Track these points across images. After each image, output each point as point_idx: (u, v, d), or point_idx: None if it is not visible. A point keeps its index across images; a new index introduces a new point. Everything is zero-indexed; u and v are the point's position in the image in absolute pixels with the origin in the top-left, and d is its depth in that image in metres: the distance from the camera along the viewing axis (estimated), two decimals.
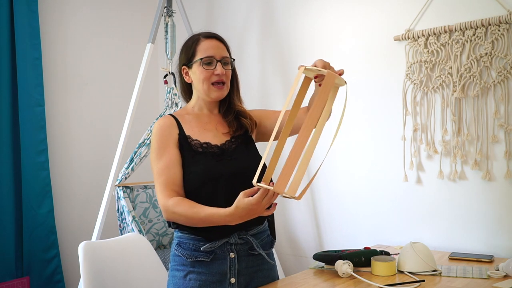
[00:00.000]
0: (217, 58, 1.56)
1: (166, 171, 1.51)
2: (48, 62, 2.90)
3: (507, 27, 1.96)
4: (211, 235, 1.51)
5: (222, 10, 3.07)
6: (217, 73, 1.55)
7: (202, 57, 1.55)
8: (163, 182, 1.50)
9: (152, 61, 3.18)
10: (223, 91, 1.58)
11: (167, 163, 1.52)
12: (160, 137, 1.55)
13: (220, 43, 1.60)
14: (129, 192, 2.74)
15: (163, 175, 1.50)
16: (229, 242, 1.52)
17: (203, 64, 1.55)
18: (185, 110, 1.66)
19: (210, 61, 1.55)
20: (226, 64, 1.58)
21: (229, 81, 1.61)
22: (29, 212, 2.71)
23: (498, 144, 2.02)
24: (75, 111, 3.03)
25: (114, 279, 1.78)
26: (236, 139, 1.61)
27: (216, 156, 1.54)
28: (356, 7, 2.44)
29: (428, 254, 1.72)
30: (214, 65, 1.55)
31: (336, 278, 1.66)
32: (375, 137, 2.38)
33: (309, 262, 2.38)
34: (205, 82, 1.56)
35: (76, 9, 3.04)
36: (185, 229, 1.54)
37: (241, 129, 1.62)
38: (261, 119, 1.70)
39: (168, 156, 1.53)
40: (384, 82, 2.34)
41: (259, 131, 1.70)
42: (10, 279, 2.63)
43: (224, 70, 1.56)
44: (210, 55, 1.55)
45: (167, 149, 1.54)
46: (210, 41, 1.58)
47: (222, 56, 1.57)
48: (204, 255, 1.52)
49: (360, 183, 2.43)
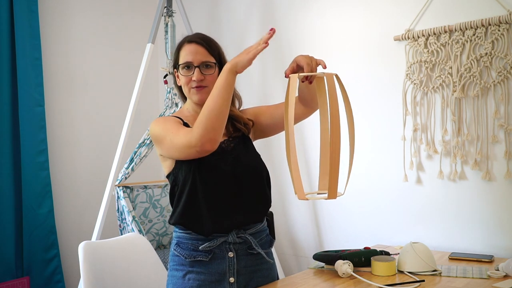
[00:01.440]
0: (195, 63, 1.55)
1: (187, 129, 1.48)
2: (48, 62, 2.90)
3: (507, 27, 1.96)
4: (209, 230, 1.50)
5: (222, 10, 3.07)
6: (194, 79, 1.55)
7: (181, 63, 1.57)
8: (185, 129, 1.47)
9: (152, 61, 3.17)
10: (203, 94, 1.56)
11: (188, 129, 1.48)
12: (167, 119, 1.55)
13: (200, 47, 1.57)
14: (129, 192, 2.74)
15: (183, 128, 1.48)
16: (227, 241, 1.52)
17: (182, 70, 1.57)
18: (180, 112, 1.66)
19: (188, 66, 1.56)
20: (207, 67, 1.57)
21: (212, 84, 1.54)
22: (29, 212, 2.71)
23: (498, 144, 2.02)
24: (75, 111, 3.03)
25: (114, 279, 1.78)
26: (234, 139, 1.61)
27: (216, 153, 1.54)
28: (356, 7, 2.44)
29: (428, 254, 1.72)
30: (192, 70, 1.56)
31: (336, 278, 1.66)
32: (375, 137, 2.38)
33: (309, 262, 2.38)
34: (185, 86, 1.58)
35: (76, 9, 3.04)
36: (183, 224, 1.53)
37: (238, 132, 1.63)
38: (256, 116, 1.69)
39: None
40: (384, 82, 2.34)
41: (257, 129, 1.69)
42: (10, 279, 2.63)
43: (202, 76, 1.55)
44: (188, 61, 1.56)
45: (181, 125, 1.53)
46: (190, 46, 1.58)
47: (201, 61, 1.56)
48: (203, 255, 1.52)
49: (360, 183, 2.43)
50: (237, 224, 1.53)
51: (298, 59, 1.42)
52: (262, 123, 1.68)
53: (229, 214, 1.51)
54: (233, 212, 1.52)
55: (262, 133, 1.71)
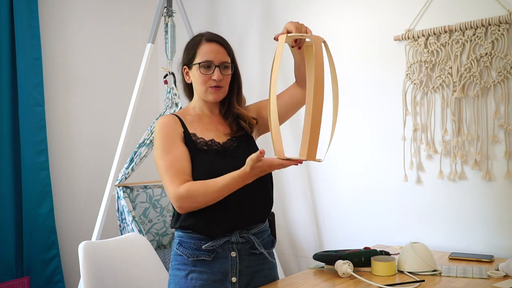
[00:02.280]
0: (215, 63, 1.55)
1: (177, 163, 1.49)
2: (48, 62, 2.90)
3: (507, 27, 1.96)
4: (212, 233, 1.51)
5: (222, 10, 3.07)
6: (214, 79, 1.54)
7: (200, 61, 1.55)
8: (173, 173, 1.47)
9: (152, 61, 3.17)
10: (220, 94, 1.58)
11: (177, 157, 1.50)
12: (166, 133, 1.54)
13: (221, 47, 1.58)
14: (129, 192, 2.74)
15: (173, 167, 1.48)
16: (230, 241, 1.53)
17: (201, 68, 1.55)
18: (186, 110, 1.66)
19: (208, 65, 1.55)
20: (225, 68, 1.57)
21: (227, 85, 1.60)
22: (29, 212, 2.71)
23: (498, 144, 2.02)
24: (75, 111, 3.03)
25: (114, 279, 1.78)
26: (237, 138, 1.61)
27: (219, 153, 1.55)
28: (356, 7, 2.44)
29: (428, 254, 1.72)
30: (212, 70, 1.55)
31: (336, 278, 1.66)
32: (375, 137, 2.38)
33: (309, 262, 2.38)
34: (202, 85, 1.56)
35: (76, 9, 3.04)
36: (187, 228, 1.53)
37: (242, 131, 1.63)
38: (259, 111, 1.70)
39: (177, 151, 1.52)
40: (384, 82, 2.34)
41: (261, 124, 1.69)
42: (10, 279, 2.63)
43: (222, 76, 1.55)
44: (209, 60, 1.55)
45: (174, 143, 1.53)
46: (210, 45, 1.57)
47: (221, 61, 1.56)
48: (206, 254, 1.52)
49: (360, 183, 2.43)
50: (240, 224, 1.53)
51: (287, 25, 1.46)
52: (264, 117, 1.68)
53: (232, 215, 1.51)
54: (236, 212, 1.52)
55: (266, 127, 1.69)
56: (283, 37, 1.40)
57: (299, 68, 1.60)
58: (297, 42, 1.49)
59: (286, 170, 2.72)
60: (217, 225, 1.51)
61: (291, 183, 2.72)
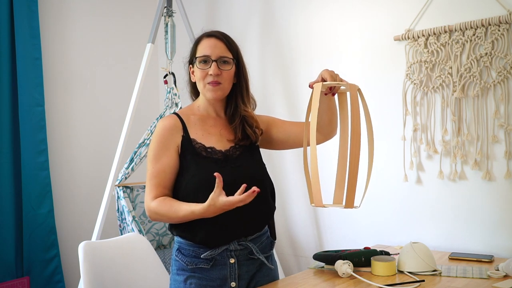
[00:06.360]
0: (212, 57, 1.52)
1: (161, 174, 1.50)
2: (48, 62, 2.90)
3: (507, 27, 1.96)
4: (211, 244, 1.50)
5: (222, 10, 3.07)
6: (211, 73, 1.52)
7: (198, 56, 1.54)
8: (155, 184, 1.50)
9: (152, 61, 3.17)
10: (218, 91, 1.54)
11: (164, 167, 1.51)
12: (161, 138, 1.53)
13: (219, 42, 1.55)
14: (129, 192, 2.74)
15: (157, 177, 1.50)
16: (229, 249, 1.51)
17: (199, 63, 1.54)
18: (190, 109, 1.63)
19: (205, 60, 1.53)
20: (224, 63, 1.54)
21: (227, 82, 1.56)
22: (29, 212, 2.71)
23: (498, 144, 2.02)
24: (75, 111, 3.03)
25: (114, 279, 1.78)
26: (240, 147, 1.57)
27: (220, 162, 1.52)
28: (356, 7, 2.44)
29: (428, 254, 1.72)
30: (209, 64, 1.52)
31: (336, 278, 1.66)
32: (375, 137, 2.37)
33: (309, 262, 2.38)
34: (200, 81, 1.55)
35: (76, 9, 3.04)
36: (184, 236, 1.53)
37: (247, 139, 1.58)
38: (269, 126, 1.67)
39: (166, 160, 1.51)
40: (384, 82, 2.34)
41: (264, 138, 1.66)
42: (10, 279, 2.63)
43: (219, 70, 1.52)
44: (206, 54, 1.53)
45: (166, 152, 1.52)
46: (209, 40, 1.56)
47: (219, 56, 1.53)
48: (204, 262, 1.51)
49: (360, 183, 2.42)
50: (238, 235, 1.52)
51: (322, 73, 1.45)
52: (273, 135, 1.66)
53: (230, 225, 1.49)
54: (235, 224, 1.50)
55: (269, 144, 1.68)
56: (318, 85, 1.40)
57: (322, 115, 1.56)
58: (331, 89, 1.49)
59: (286, 170, 2.72)
60: (216, 237, 1.50)
61: (291, 183, 2.72)
